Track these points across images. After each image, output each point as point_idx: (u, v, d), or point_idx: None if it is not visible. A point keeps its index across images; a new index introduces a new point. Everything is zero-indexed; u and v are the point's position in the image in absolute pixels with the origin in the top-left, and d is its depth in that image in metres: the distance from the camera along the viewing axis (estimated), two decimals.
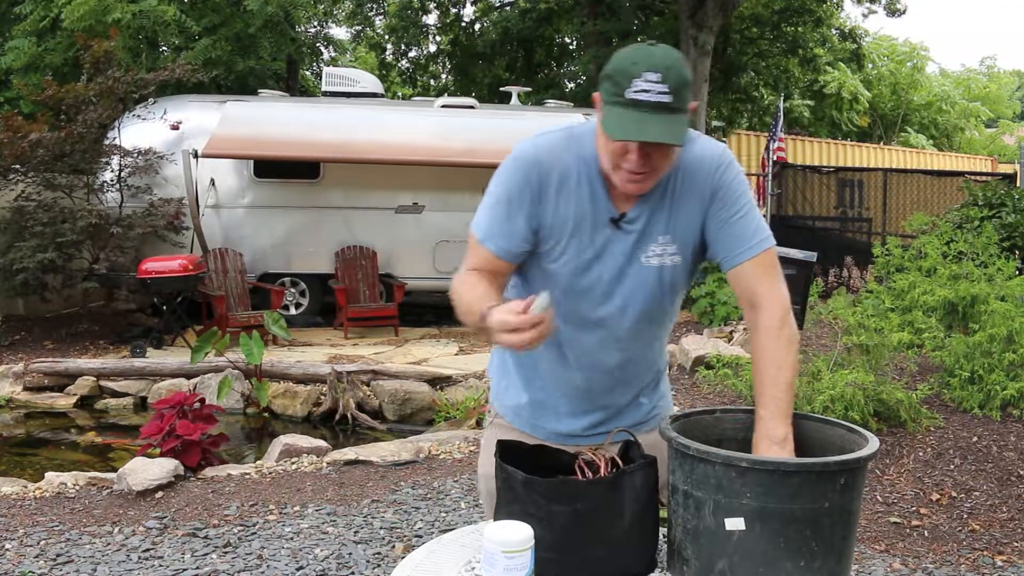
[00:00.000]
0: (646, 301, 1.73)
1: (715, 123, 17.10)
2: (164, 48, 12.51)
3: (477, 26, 18.15)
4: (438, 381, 6.71)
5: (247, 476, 4.59)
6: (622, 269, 1.70)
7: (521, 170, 1.69)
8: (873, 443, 1.45)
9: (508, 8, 16.94)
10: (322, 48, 16.53)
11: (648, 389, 1.87)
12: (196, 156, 8.61)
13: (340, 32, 18.20)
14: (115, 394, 6.84)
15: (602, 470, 1.55)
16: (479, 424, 5.64)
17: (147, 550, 3.65)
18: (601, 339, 1.75)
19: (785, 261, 4.66)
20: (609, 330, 1.74)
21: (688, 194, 1.69)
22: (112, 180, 8.70)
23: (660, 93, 1.51)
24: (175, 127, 8.87)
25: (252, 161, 9.19)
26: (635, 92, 1.51)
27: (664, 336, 1.87)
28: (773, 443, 1.55)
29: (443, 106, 9.92)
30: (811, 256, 4.30)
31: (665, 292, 1.74)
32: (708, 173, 1.69)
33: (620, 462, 1.57)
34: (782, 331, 1.64)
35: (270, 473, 4.66)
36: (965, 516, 3.96)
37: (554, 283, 1.71)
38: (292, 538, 3.78)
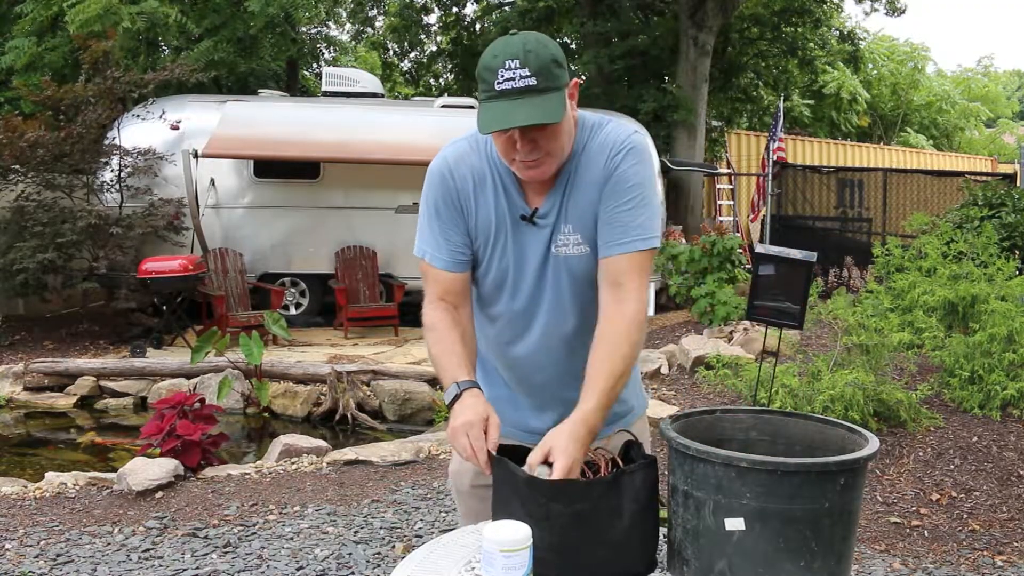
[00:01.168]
0: (567, 292, 1.74)
1: (715, 123, 17.09)
2: (164, 48, 12.51)
3: (478, 26, 18.15)
4: (438, 381, 6.68)
5: (247, 476, 4.59)
6: (541, 263, 1.73)
7: (437, 184, 1.75)
8: (873, 443, 1.45)
9: (508, 8, 16.92)
10: (323, 49, 16.53)
11: None
12: (196, 156, 8.61)
13: (341, 32, 18.16)
14: (115, 394, 6.84)
15: (602, 470, 1.55)
16: None
17: (147, 550, 3.65)
18: (539, 333, 1.78)
19: (785, 261, 4.65)
20: (544, 323, 1.77)
21: (586, 181, 1.70)
22: (112, 180, 8.70)
23: (523, 78, 1.54)
24: (175, 127, 8.87)
25: (252, 161, 9.19)
26: (500, 83, 1.55)
27: None
28: (578, 421, 1.55)
29: (443, 106, 9.92)
30: (811, 256, 4.29)
31: (581, 283, 1.74)
32: (606, 158, 1.69)
33: (620, 462, 1.57)
34: (629, 327, 1.63)
35: (270, 473, 4.66)
36: (965, 516, 3.96)
37: (486, 283, 1.77)
38: (292, 538, 3.78)
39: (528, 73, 1.54)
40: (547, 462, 1.52)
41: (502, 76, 1.55)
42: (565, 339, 1.78)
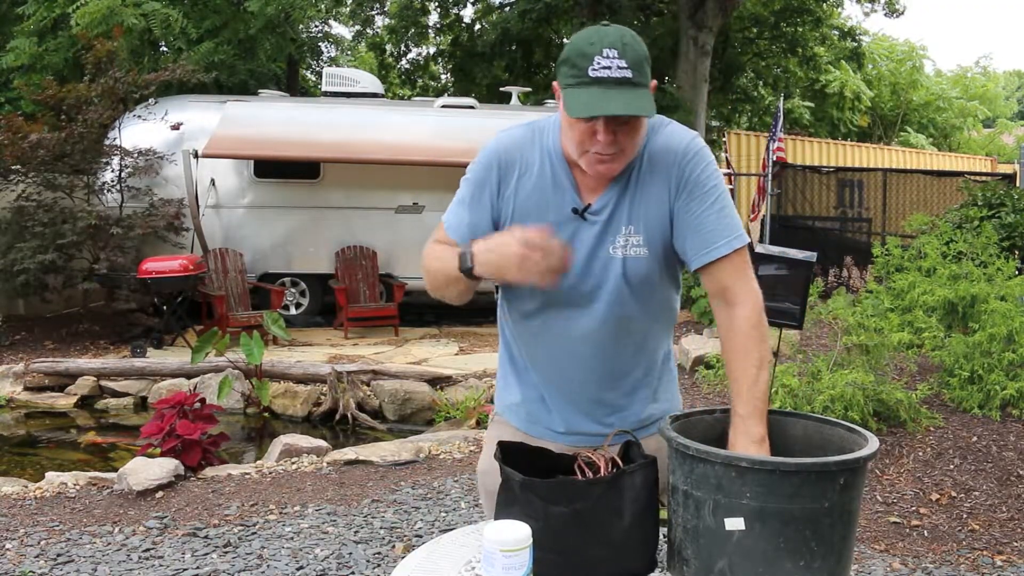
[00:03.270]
0: (613, 294, 1.69)
1: (715, 123, 17.10)
2: (164, 48, 12.52)
3: (477, 26, 18.15)
4: (438, 381, 6.72)
5: (247, 476, 4.59)
6: (588, 260, 1.68)
7: (484, 165, 1.72)
8: (873, 443, 1.45)
9: (508, 9, 16.93)
10: (322, 47, 16.54)
11: (642, 390, 1.80)
12: (196, 156, 8.61)
13: (341, 31, 18.18)
14: (115, 394, 6.84)
15: (602, 470, 1.55)
16: (479, 424, 5.64)
17: (147, 550, 3.65)
18: (575, 333, 1.73)
19: (785, 261, 4.66)
20: (581, 324, 1.72)
21: (653, 183, 1.66)
22: (112, 180, 8.70)
23: (620, 68, 1.51)
24: (176, 127, 8.88)
25: (252, 161, 9.19)
26: (596, 70, 1.51)
27: (653, 336, 1.79)
28: (752, 442, 1.54)
29: (443, 106, 9.92)
30: (811, 256, 4.29)
31: (633, 285, 1.70)
32: (675, 161, 1.66)
33: (620, 462, 1.57)
34: (758, 328, 1.61)
35: (270, 473, 4.66)
36: (965, 516, 3.96)
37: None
38: (292, 538, 3.78)
39: (625, 65, 1.51)
40: None
41: (599, 63, 1.51)
42: (609, 339, 1.73)
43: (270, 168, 9.26)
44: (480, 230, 1.69)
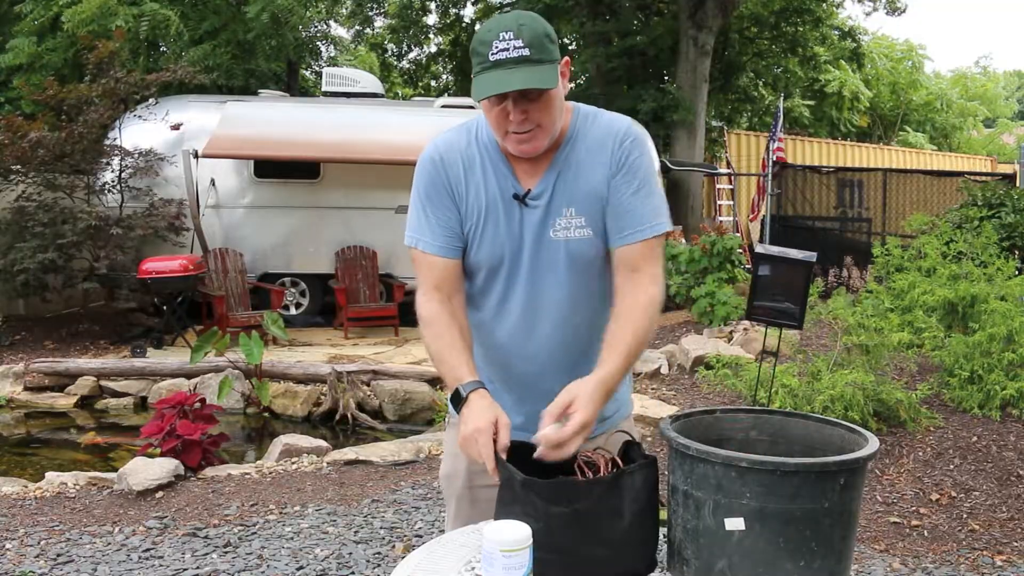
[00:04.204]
0: (563, 277, 1.72)
1: (715, 123, 17.10)
2: (164, 48, 12.52)
3: (477, 26, 18.15)
4: (438, 381, 6.71)
5: (247, 476, 4.59)
6: (534, 246, 1.72)
7: (427, 171, 1.79)
8: (873, 443, 1.45)
9: (508, 9, 16.92)
10: (322, 48, 16.53)
11: None
12: (196, 156, 8.61)
13: (341, 32, 18.17)
14: (115, 394, 6.84)
15: (602, 470, 1.55)
16: None
17: (147, 550, 3.65)
18: (531, 320, 1.75)
19: (784, 261, 4.65)
20: (536, 310, 1.74)
21: (593, 165, 1.72)
22: (112, 181, 8.70)
23: (517, 48, 1.57)
24: (176, 127, 8.87)
25: (252, 161, 9.19)
26: (495, 54, 1.58)
27: (599, 324, 1.78)
28: (592, 380, 1.58)
29: (443, 106, 9.92)
30: (811, 256, 4.30)
31: (579, 268, 1.73)
32: (614, 145, 1.72)
33: (620, 462, 1.57)
34: (652, 307, 1.68)
35: (270, 473, 4.66)
36: (965, 516, 3.96)
37: (477, 267, 1.76)
38: (292, 538, 3.78)
39: (522, 44, 1.57)
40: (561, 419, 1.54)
41: (496, 47, 1.58)
42: (558, 326, 1.75)
43: (270, 168, 9.25)
44: (446, 230, 1.74)
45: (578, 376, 1.69)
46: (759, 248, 4.76)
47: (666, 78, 14.54)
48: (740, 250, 8.78)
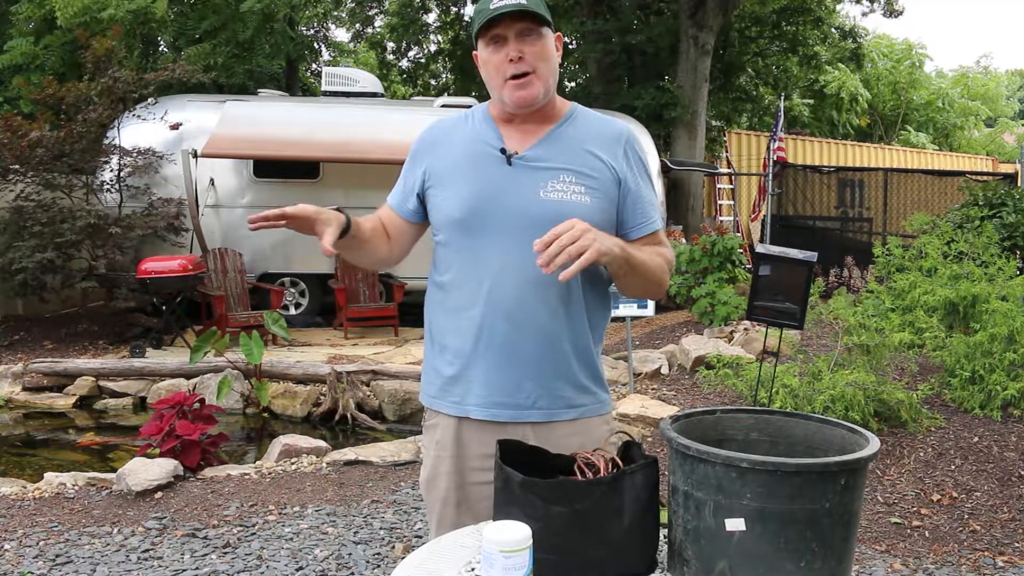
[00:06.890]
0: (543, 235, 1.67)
1: (715, 123, 17.09)
2: (163, 48, 12.53)
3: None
4: None
5: (247, 476, 4.59)
6: (522, 206, 1.74)
7: (421, 137, 1.91)
8: (874, 443, 1.44)
9: None
10: (322, 48, 16.55)
11: (564, 374, 1.79)
12: (195, 156, 8.60)
13: (341, 33, 18.19)
14: (114, 394, 6.84)
15: (602, 470, 1.55)
16: None
17: (146, 550, 3.64)
18: (511, 281, 1.74)
19: (785, 261, 4.64)
20: (508, 269, 1.73)
21: (594, 142, 1.79)
22: (111, 180, 8.70)
23: (515, 3, 1.69)
24: (175, 127, 8.87)
25: (251, 161, 9.18)
26: (495, 4, 1.70)
27: (588, 308, 1.80)
28: (616, 244, 1.66)
29: (443, 106, 9.92)
30: (811, 256, 4.29)
31: None
32: (618, 136, 1.82)
33: (620, 462, 1.57)
34: (667, 266, 1.83)
35: (270, 473, 4.65)
36: (966, 516, 3.95)
37: (452, 227, 1.79)
38: (292, 538, 3.78)
39: None
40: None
41: (494, 3, 1.69)
42: (539, 288, 1.73)
43: (269, 168, 9.25)
44: (409, 190, 1.88)
45: (556, 341, 1.75)
46: (759, 248, 4.74)
47: (666, 77, 14.53)
48: (741, 250, 8.78)
